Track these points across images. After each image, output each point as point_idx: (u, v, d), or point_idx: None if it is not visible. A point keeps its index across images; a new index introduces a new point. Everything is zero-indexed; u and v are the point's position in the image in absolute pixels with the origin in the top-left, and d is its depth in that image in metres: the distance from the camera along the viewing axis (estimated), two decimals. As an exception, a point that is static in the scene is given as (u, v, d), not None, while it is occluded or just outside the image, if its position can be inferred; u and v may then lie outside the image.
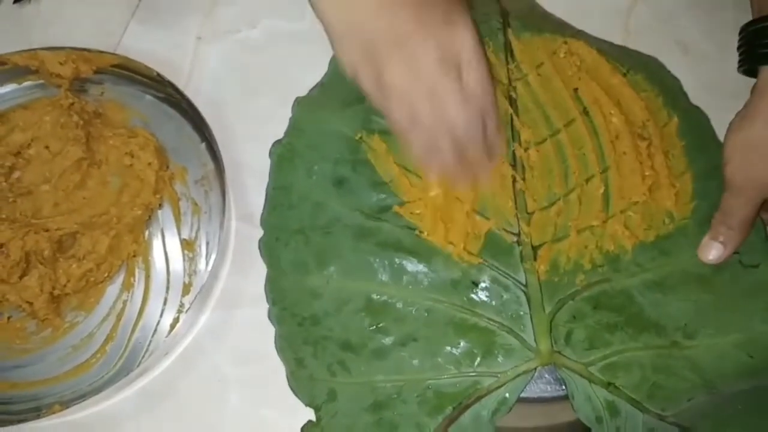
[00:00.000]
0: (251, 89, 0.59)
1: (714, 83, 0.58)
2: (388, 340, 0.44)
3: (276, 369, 0.48)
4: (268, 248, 0.48)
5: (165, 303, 0.53)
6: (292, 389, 0.46)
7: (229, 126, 0.57)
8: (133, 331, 0.52)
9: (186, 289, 0.53)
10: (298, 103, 0.51)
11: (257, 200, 0.55)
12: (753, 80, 0.58)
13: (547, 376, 0.44)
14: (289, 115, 0.52)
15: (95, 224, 0.53)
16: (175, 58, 0.60)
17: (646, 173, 0.46)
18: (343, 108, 0.49)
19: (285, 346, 0.45)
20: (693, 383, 0.43)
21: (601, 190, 0.46)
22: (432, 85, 0.41)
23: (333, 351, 0.44)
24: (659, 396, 0.42)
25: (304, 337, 0.45)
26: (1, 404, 0.50)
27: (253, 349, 0.51)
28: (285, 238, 0.47)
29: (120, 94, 0.59)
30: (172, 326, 0.52)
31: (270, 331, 0.51)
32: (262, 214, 0.49)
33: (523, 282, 0.44)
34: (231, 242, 0.54)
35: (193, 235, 0.55)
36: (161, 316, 0.52)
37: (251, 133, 0.58)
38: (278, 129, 0.53)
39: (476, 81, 0.43)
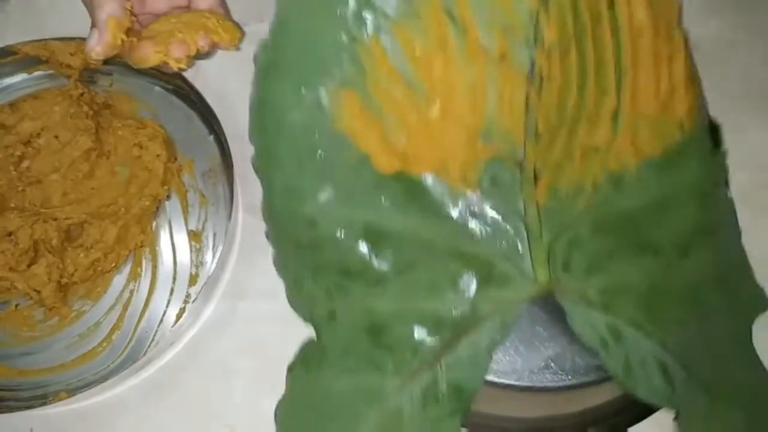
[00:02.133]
0: (260, 82, 0.60)
1: (721, 84, 0.58)
2: (386, 267, 0.42)
3: (281, 360, 0.48)
4: (262, 168, 0.44)
5: (171, 293, 0.53)
6: (290, 304, 0.45)
7: (238, 118, 0.57)
8: (139, 320, 0.52)
9: (192, 280, 0.53)
10: None
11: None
12: (764, 82, 0.59)
13: (553, 365, 0.44)
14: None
15: (103, 214, 0.53)
16: (185, 50, 0.60)
17: (662, 82, 0.43)
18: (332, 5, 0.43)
19: (283, 265, 0.45)
20: (684, 304, 0.43)
21: (614, 104, 0.43)
22: None
23: (331, 277, 0.43)
24: (656, 319, 0.42)
25: (302, 262, 0.44)
26: (8, 391, 0.50)
27: (259, 340, 0.51)
28: (277, 162, 0.44)
29: (129, 86, 0.59)
30: (178, 317, 0.52)
31: (276, 323, 0.51)
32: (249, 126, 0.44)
33: (522, 211, 0.43)
34: (238, 234, 0.55)
35: (200, 226, 0.55)
36: (167, 306, 0.53)
37: (259, 126, 0.58)
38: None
39: None
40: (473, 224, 0.43)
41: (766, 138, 0.56)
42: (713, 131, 0.45)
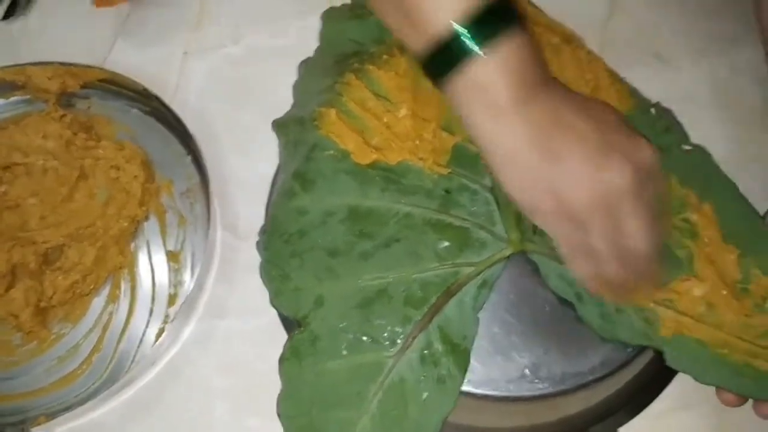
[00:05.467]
0: (237, 103, 0.60)
1: (690, 94, 0.59)
2: (372, 243, 0.46)
3: (262, 378, 0.48)
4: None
5: (150, 314, 0.53)
6: (275, 307, 0.47)
7: (215, 139, 0.58)
8: (119, 342, 0.52)
9: (171, 300, 0.53)
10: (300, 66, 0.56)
11: (242, 212, 0.56)
12: (731, 92, 0.60)
13: (529, 374, 0.45)
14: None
15: (81, 236, 0.54)
16: (162, 72, 0.61)
17: (588, 77, 0.50)
18: (327, 69, 0.53)
19: (270, 267, 0.47)
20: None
21: None
22: (618, 209, 0.38)
23: (320, 259, 0.46)
24: None
25: (291, 251, 0.47)
26: (-14, 417, 0.50)
27: (239, 358, 0.52)
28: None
29: (107, 109, 0.59)
30: (158, 337, 0.52)
31: (256, 341, 0.52)
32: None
33: (490, 185, 0.48)
34: (216, 253, 0.55)
35: (179, 246, 0.55)
36: (147, 327, 0.53)
37: (236, 146, 0.58)
38: (263, 142, 0.54)
39: (656, 200, 0.40)
40: (447, 198, 0.48)
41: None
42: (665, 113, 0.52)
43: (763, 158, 0.57)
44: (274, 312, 0.49)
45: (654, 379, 0.48)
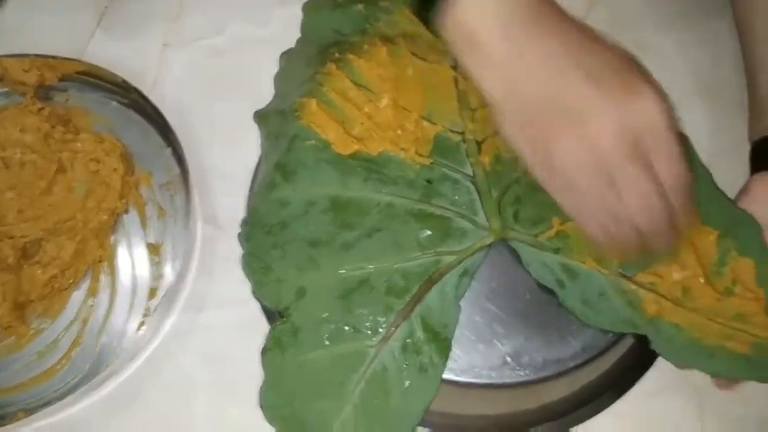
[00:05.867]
0: (216, 95, 0.60)
1: (672, 83, 0.59)
2: (354, 233, 0.46)
3: (243, 369, 0.48)
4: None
5: (131, 308, 0.53)
6: (257, 298, 0.47)
7: (195, 131, 0.58)
8: (99, 336, 0.52)
9: (152, 293, 0.53)
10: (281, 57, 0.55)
11: (223, 204, 0.56)
12: (713, 81, 0.60)
13: (511, 362, 0.45)
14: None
15: (60, 230, 0.53)
16: (141, 64, 0.61)
17: None
18: (309, 60, 0.53)
19: (252, 259, 0.47)
20: None
21: None
22: (610, 170, 0.35)
23: (302, 249, 0.46)
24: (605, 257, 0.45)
25: (273, 243, 0.47)
26: (-36, 413, 0.49)
27: (221, 350, 0.51)
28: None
29: (85, 101, 0.59)
30: (139, 330, 0.51)
31: (237, 332, 0.51)
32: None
33: (471, 174, 0.48)
34: (197, 246, 0.54)
35: (159, 239, 0.54)
36: (127, 320, 0.52)
37: (216, 137, 0.58)
38: (244, 133, 0.54)
39: (667, 166, 0.35)
40: (429, 188, 0.48)
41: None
42: None
43: (744, 146, 0.57)
44: (255, 303, 0.49)
45: (635, 364, 0.48)
